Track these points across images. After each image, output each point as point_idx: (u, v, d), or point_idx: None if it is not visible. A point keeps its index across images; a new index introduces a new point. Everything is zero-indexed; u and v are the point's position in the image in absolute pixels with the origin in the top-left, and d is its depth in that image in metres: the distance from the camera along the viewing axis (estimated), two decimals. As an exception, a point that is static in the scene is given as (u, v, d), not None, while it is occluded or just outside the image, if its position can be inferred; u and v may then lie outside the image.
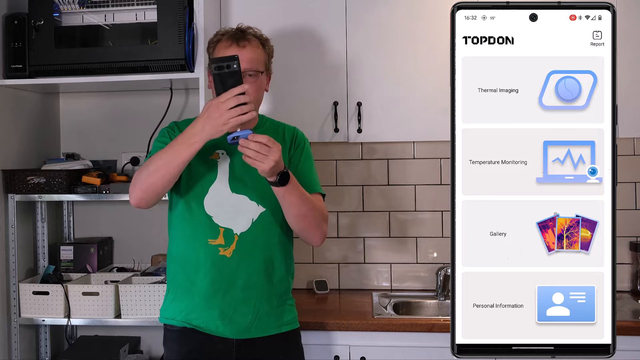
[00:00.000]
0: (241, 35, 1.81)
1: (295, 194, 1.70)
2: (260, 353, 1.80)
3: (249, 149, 1.55)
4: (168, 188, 1.72)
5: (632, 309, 2.35)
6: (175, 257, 1.84)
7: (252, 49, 1.80)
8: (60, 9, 2.29)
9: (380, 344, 2.20)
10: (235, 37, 1.80)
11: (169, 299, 1.86)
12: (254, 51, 1.80)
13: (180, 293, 1.83)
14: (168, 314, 1.85)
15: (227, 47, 1.79)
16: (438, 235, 2.72)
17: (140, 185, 1.69)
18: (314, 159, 1.92)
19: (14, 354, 2.37)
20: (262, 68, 1.82)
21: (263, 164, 1.55)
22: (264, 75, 1.83)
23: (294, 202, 1.71)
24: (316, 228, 1.79)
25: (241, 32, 1.82)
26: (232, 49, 1.78)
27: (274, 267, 1.83)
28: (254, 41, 1.82)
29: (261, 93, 1.84)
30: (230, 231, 1.78)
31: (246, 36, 1.81)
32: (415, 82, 2.41)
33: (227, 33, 1.83)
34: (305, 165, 1.86)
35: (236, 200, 1.79)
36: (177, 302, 1.83)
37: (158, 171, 1.65)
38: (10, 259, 2.39)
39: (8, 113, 2.42)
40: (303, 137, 1.92)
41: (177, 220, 1.84)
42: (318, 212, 1.78)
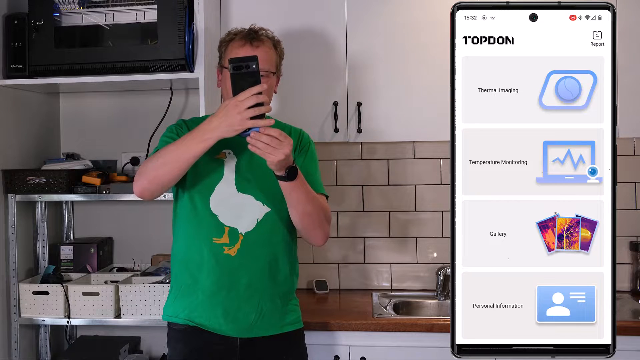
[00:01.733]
0: (254, 35, 1.82)
1: (302, 191, 1.70)
2: (263, 352, 1.80)
3: (260, 142, 1.55)
4: (174, 182, 1.71)
5: (632, 309, 2.35)
6: (179, 255, 1.85)
7: (265, 49, 1.80)
8: (60, 9, 2.29)
9: (380, 344, 2.20)
10: (249, 37, 1.81)
11: (172, 296, 1.86)
12: (267, 52, 1.81)
13: (183, 291, 1.83)
14: (171, 311, 1.85)
15: (240, 46, 1.80)
16: (438, 235, 2.72)
17: (147, 175, 1.69)
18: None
19: (14, 354, 2.37)
20: (273, 69, 1.83)
21: (273, 155, 1.55)
22: (274, 77, 1.84)
23: (300, 198, 1.71)
24: (319, 227, 1.79)
25: (254, 33, 1.83)
26: (245, 49, 1.78)
27: (278, 267, 1.83)
28: (267, 42, 1.83)
29: (271, 94, 1.84)
30: (235, 230, 1.78)
31: (259, 37, 1.82)
32: (415, 82, 2.41)
33: (240, 33, 1.83)
34: (310, 167, 1.86)
35: (242, 200, 1.79)
36: (180, 299, 1.83)
37: (166, 164, 1.65)
38: (10, 259, 2.39)
39: (8, 113, 2.42)
40: (308, 139, 1.93)
41: (182, 218, 1.84)
42: (322, 211, 1.78)
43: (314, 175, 1.85)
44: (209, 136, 1.59)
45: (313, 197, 1.74)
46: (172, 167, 1.65)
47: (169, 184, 1.71)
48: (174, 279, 1.86)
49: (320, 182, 1.87)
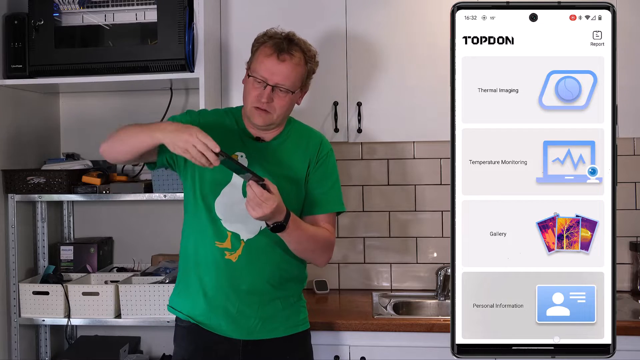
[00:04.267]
0: (285, 47, 1.72)
1: (295, 235, 1.70)
2: (267, 354, 1.80)
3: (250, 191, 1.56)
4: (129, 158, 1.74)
5: (632, 309, 2.35)
6: (184, 252, 1.85)
7: (291, 66, 1.72)
8: (60, 9, 2.29)
9: (380, 344, 2.20)
10: (279, 48, 1.71)
11: (177, 290, 1.87)
12: (294, 69, 1.72)
13: (187, 287, 1.83)
14: (175, 304, 1.86)
15: (268, 55, 1.72)
16: (438, 235, 2.72)
17: (109, 142, 1.75)
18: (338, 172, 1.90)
19: (14, 354, 2.37)
20: (294, 88, 1.75)
21: (254, 211, 1.57)
22: (293, 95, 1.77)
23: (292, 241, 1.72)
24: (319, 257, 1.82)
25: (287, 43, 1.73)
26: (271, 60, 1.71)
27: (280, 275, 1.81)
28: (296, 57, 1.73)
29: (289, 108, 1.79)
30: (237, 236, 1.77)
31: (291, 49, 1.72)
32: (415, 82, 2.41)
33: (274, 38, 1.74)
34: (327, 183, 1.83)
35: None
36: (184, 295, 1.83)
37: (122, 142, 1.71)
38: (10, 259, 2.39)
39: (8, 113, 2.42)
40: (326, 149, 1.87)
41: (189, 217, 1.84)
42: (321, 244, 1.78)
43: (329, 193, 1.82)
44: (158, 135, 1.61)
45: (309, 236, 1.74)
46: (125, 147, 1.70)
47: (124, 159, 1.76)
48: (181, 273, 1.87)
49: (336, 197, 1.85)
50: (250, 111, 1.76)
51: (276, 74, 1.71)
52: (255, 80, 1.73)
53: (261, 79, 1.72)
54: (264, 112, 1.74)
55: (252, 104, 1.74)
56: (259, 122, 1.75)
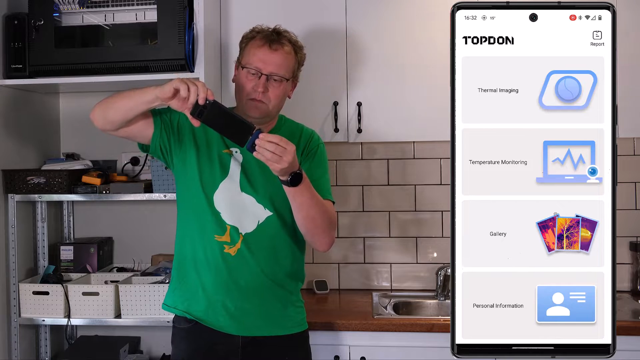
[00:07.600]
0: (276, 37, 1.79)
1: (306, 195, 1.69)
2: (266, 352, 1.80)
3: (266, 150, 1.55)
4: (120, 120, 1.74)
5: (632, 309, 2.35)
6: (180, 250, 1.84)
7: (283, 54, 1.78)
8: (60, 9, 2.29)
9: (380, 344, 2.20)
10: (270, 39, 1.78)
11: (172, 287, 1.87)
12: (285, 57, 1.79)
13: (183, 283, 1.83)
14: (170, 301, 1.86)
15: (259, 47, 1.78)
16: (438, 235, 2.72)
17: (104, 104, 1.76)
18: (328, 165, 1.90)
19: (14, 354, 2.37)
20: (287, 75, 1.80)
21: (277, 164, 1.56)
22: (288, 83, 1.82)
23: (303, 202, 1.70)
24: (323, 232, 1.78)
25: (277, 35, 1.80)
26: (263, 50, 1.77)
27: (278, 271, 1.82)
28: (287, 47, 1.80)
29: (282, 99, 1.83)
30: (237, 229, 1.78)
31: (281, 40, 1.79)
32: (415, 82, 2.41)
33: (263, 32, 1.81)
34: (316, 172, 1.84)
35: (244, 200, 1.79)
36: (180, 291, 1.83)
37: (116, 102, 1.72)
38: (10, 259, 2.39)
39: (8, 113, 2.42)
40: (317, 142, 1.91)
41: (186, 212, 1.84)
42: (327, 216, 1.77)
43: (320, 181, 1.83)
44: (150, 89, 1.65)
45: (318, 201, 1.73)
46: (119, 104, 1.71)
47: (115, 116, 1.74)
48: (175, 270, 1.86)
49: (327, 187, 1.85)
50: (245, 104, 1.78)
51: (269, 63, 1.76)
52: (249, 72, 1.77)
53: (255, 70, 1.76)
54: (260, 103, 1.77)
55: (248, 96, 1.77)
56: (256, 113, 1.78)
